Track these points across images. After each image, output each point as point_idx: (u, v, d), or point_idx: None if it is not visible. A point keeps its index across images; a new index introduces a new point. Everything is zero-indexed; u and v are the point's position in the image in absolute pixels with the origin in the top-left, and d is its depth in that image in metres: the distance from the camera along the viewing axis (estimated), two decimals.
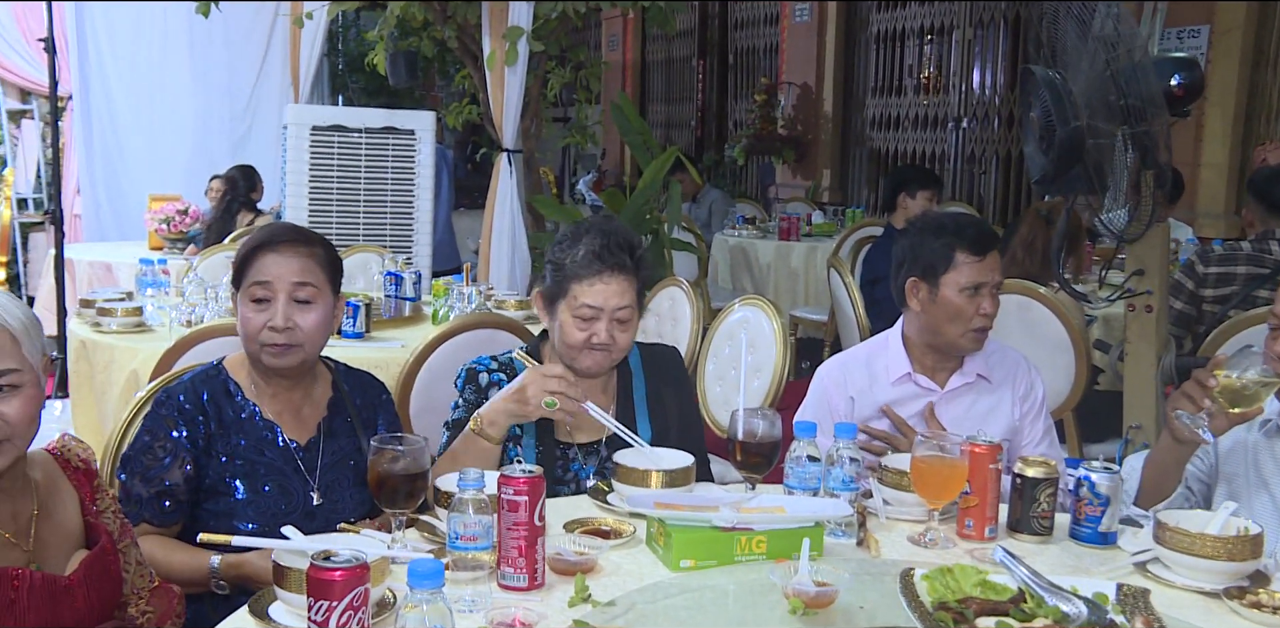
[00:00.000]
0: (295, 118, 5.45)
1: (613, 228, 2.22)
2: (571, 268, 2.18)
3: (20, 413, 1.53)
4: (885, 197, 5.39)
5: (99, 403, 3.38)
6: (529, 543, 1.59)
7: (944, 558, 1.77)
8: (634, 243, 2.22)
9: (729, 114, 11.73)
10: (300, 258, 2.01)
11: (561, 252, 2.21)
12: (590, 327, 2.17)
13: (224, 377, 2.06)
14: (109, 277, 5.75)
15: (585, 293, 2.16)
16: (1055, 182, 2.89)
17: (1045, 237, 3.96)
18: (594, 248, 2.16)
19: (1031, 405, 2.51)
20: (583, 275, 2.16)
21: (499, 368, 2.27)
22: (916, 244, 2.47)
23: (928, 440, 1.86)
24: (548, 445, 2.23)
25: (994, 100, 8.25)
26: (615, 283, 2.17)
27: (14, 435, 1.53)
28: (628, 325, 2.21)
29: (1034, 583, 1.55)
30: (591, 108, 7.25)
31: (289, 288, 1.99)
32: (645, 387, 2.33)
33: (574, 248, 2.19)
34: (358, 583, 1.31)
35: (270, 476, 2.01)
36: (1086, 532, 1.87)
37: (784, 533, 1.73)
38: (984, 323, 2.40)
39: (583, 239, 2.19)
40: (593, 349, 2.18)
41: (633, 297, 2.20)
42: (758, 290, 6.85)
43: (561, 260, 2.20)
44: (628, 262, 2.18)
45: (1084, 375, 3.55)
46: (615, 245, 2.17)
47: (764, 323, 3.39)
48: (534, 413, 2.05)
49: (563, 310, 2.20)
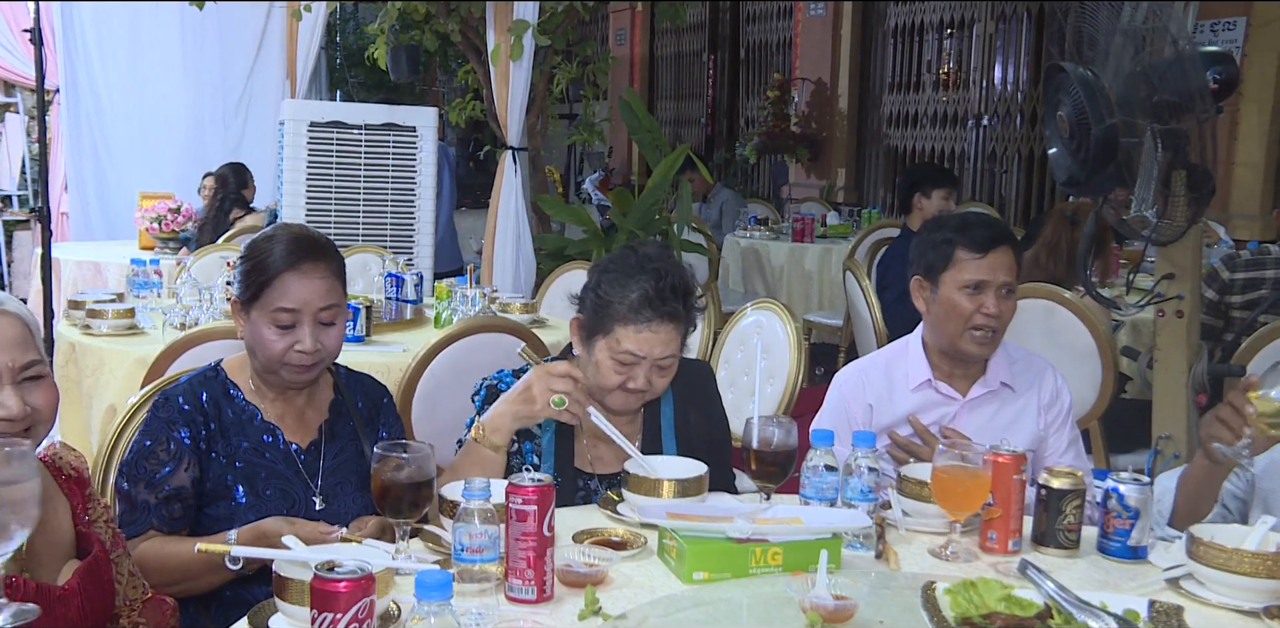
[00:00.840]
0: (292, 113, 5.46)
1: (669, 268, 2.15)
2: (619, 310, 2.11)
3: (48, 402, 1.59)
4: (900, 197, 5.40)
5: (87, 409, 3.39)
6: (538, 554, 1.60)
7: (966, 572, 1.78)
8: (689, 287, 2.16)
9: (740, 111, 11.74)
10: (324, 279, 2.01)
11: (610, 287, 2.14)
12: (628, 371, 2.13)
13: (223, 379, 2.08)
14: (97, 277, 5.76)
15: (629, 339, 2.11)
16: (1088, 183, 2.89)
17: (1070, 238, 3.95)
18: (647, 292, 2.09)
19: (1057, 415, 2.51)
20: (630, 320, 2.10)
21: None
22: (921, 242, 2.50)
23: (949, 450, 1.87)
24: (566, 475, 2.22)
25: (1016, 97, 8.25)
26: (664, 332, 2.11)
27: (40, 422, 1.58)
28: (668, 371, 2.17)
29: (1061, 598, 1.55)
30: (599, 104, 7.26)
31: (315, 313, 2.00)
32: (674, 410, 2.32)
33: (625, 287, 2.11)
34: (363, 594, 1.32)
35: (271, 479, 2.03)
36: (1115, 546, 1.86)
37: (800, 545, 1.73)
38: (985, 322, 2.38)
39: (635, 279, 2.11)
40: (627, 392, 2.16)
41: (678, 344, 2.15)
42: (770, 294, 6.85)
43: (609, 299, 2.13)
44: (679, 310, 2.13)
45: (1110, 383, 3.54)
46: (669, 290, 2.11)
47: (777, 327, 3.40)
48: (540, 413, 2.03)
49: (601, 349, 2.15)
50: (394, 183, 5.57)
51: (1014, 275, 2.44)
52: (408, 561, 1.65)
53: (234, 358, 2.12)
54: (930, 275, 2.45)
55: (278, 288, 1.98)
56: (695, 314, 2.19)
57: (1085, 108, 2.81)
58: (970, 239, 2.40)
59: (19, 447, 1.35)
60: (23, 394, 1.56)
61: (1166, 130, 2.80)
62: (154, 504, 1.97)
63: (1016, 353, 2.53)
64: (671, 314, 2.12)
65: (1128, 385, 3.94)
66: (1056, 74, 2.93)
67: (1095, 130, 2.80)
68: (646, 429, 2.29)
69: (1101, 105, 2.79)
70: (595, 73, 6.79)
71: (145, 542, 1.96)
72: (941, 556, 1.86)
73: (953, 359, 2.47)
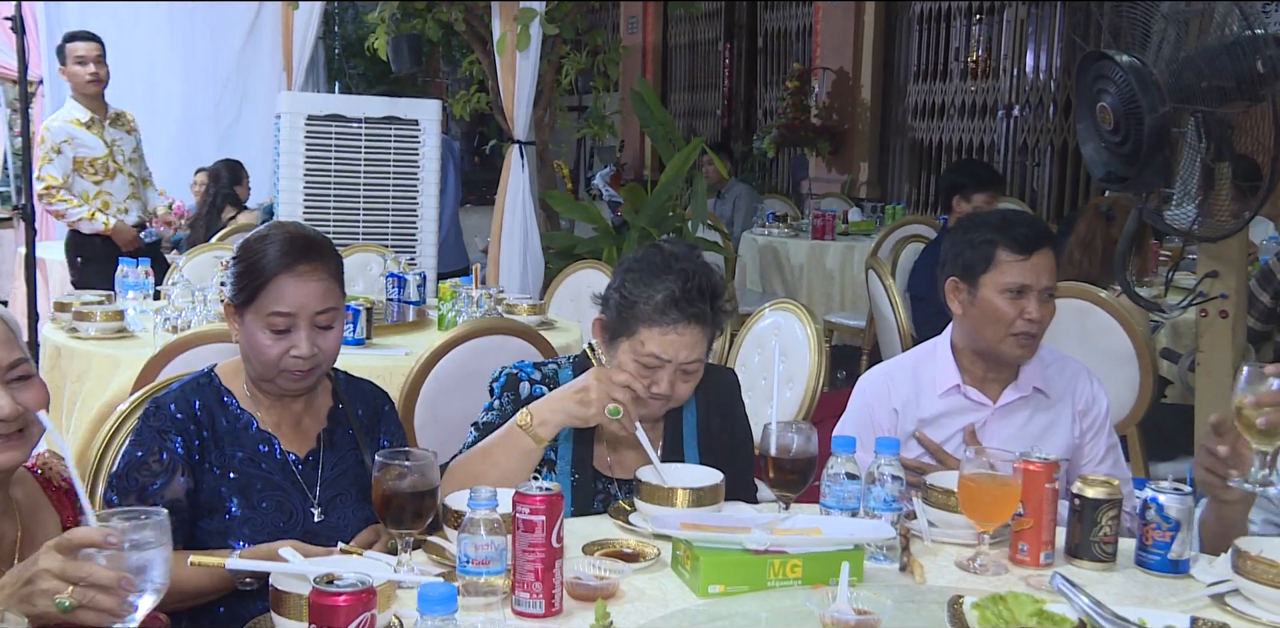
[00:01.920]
0: (289, 106, 5.47)
1: (696, 268, 2.16)
2: (645, 311, 2.12)
3: (38, 401, 1.60)
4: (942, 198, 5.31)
5: (73, 416, 3.40)
6: (546, 566, 1.60)
7: (996, 585, 1.78)
8: (717, 288, 2.17)
9: (758, 102, 11.74)
10: (321, 281, 2.01)
11: (635, 287, 2.15)
12: (652, 375, 2.13)
13: (216, 385, 2.08)
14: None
15: (654, 341, 2.11)
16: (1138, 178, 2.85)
17: (1106, 235, 3.95)
18: (673, 293, 2.10)
19: (1094, 421, 2.51)
20: (656, 321, 2.11)
21: (542, 379, 2.27)
22: (958, 242, 2.48)
23: (977, 457, 1.87)
24: (585, 476, 2.24)
25: (1049, 85, 8.23)
26: (689, 335, 2.12)
27: (32, 422, 1.60)
28: (692, 377, 2.17)
29: (1097, 614, 1.55)
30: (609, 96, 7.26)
31: (312, 316, 2.00)
32: (696, 420, 2.33)
33: (650, 288, 2.13)
34: (363, 609, 1.33)
35: (267, 491, 2.03)
36: (1154, 559, 1.85)
37: (821, 557, 1.74)
38: (1028, 328, 2.38)
39: (661, 278, 2.13)
40: (651, 398, 2.15)
41: (704, 348, 2.16)
42: (789, 294, 6.86)
43: (634, 299, 2.14)
44: (707, 312, 2.14)
45: (1150, 387, 3.53)
46: (697, 291, 2.12)
47: (796, 329, 3.40)
48: (594, 418, 2.04)
49: (624, 351, 2.16)
50: (395, 179, 5.58)
51: (1055, 278, 2.44)
52: (410, 573, 1.65)
53: (228, 363, 2.13)
54: (968, 277, 2.44)
55: (272, 291, 1.98)
56: (723, 317, 2.19)
57: (1137, 96, 2.77)
58: (1013, 239, 2.39)
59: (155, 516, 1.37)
60: (13, 394, 1.57)
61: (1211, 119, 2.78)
62: None
63: (1050, 356, 2.53)
64: (698, 316, 2.12)
65: (1168, 390, 3.93)
66: (1094, 63, 2.92)
67: (1149, 120, 2.76)
68: (668, 437, 2.30)
69: (1153, 93, 2.76)
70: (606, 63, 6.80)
71: None
72: (969, 568, 1.86)
73: (986, 362, 2.47)
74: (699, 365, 2.16)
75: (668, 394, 2.15)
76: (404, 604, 1.55)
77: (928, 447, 2.43)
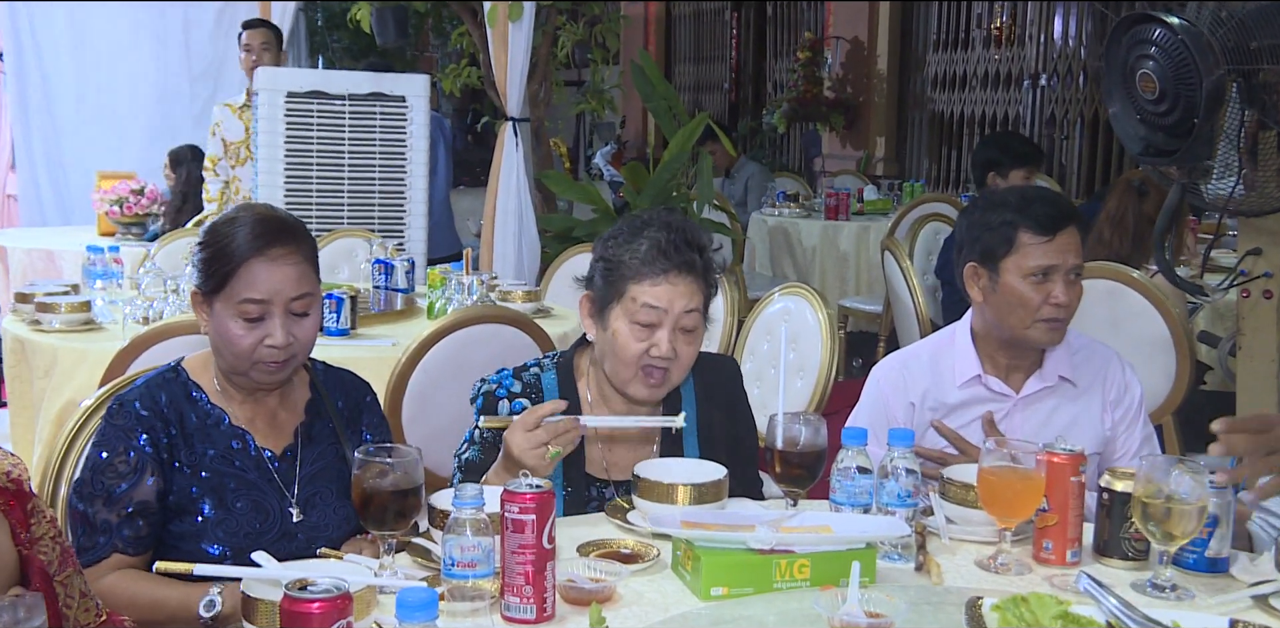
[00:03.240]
0: (267, 82, 5.45)
1: (678, 222, 2.19)
2: (631, 265, 2.14)
3: None
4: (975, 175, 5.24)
5: (37, 414, 3.40)
6: (537, 569, 1.60)
7: (1018, 586, 1.77)
8: (703, 241, 2.20)
9: (768, 75, 11.72)
10: (294, 265, 2.00)
11: (616, 246, 2.18)
12: (650, 335, 2.14)
13: (184, 379, 2.07)
14: (51, 267, 5.78)
15: (646, 292, 2.13)
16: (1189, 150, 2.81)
17: (1138, 211, 3.92)
18: (659, 243, 2.13)
19: (1126, 411, 2.50)
20: (644, 274, 2.13)
21: (523, 390, 2.26)
22: (975, 223, 2.46)
23: (997, 449, 1.86)
24: (577, 483, 2.23)
25: (1078, 53, 8.20)
26: (683, 284, 2.14)
27: None
28: (693, 336, 2.18)
29: (1126, 616, 1.55)
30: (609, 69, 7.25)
31: (286, 303, 1.99)
32: (696, 410, 2.32)
33: (633, 242, 2.16)
34: (338, 616, 1.32)
35: (242, 490, 2.02)
36: (1190, 557, 1.84)
37: (830, 556, 1.74)
38: (1055, 313, 2.36)
39: (643, 232, 2.16)
40: (652, 366, 2.15)
41: (700, 301, 2.17)
42: (801, 277, 6.85)
43: (617, 257, 2.16)
44: (697, 261, 2.16)
45: (1187, 374, 3.52)
46: (683, 241, 2.15)
47: (808, 315, 3.40)
48: (545, 471, 2.00)
49: (616, 317, 2.16)
50: (382, 159, 5.57)
51: (1081, 256, 2.42)
52: (392, 577, 1.65)
53: (196, 356, 2.12)
54: (988, 262, 2.41)
55: (243, 277, 1.97)
56: (713, 272, 2.21)
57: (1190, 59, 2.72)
58: (1034, 220, 2.37)
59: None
60: None
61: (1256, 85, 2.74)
62: (116, 523, 1.96)
63: (1077, 342, 2.51)
64: (688, 264, 2.15)
65: (1207, 376, 3.92)
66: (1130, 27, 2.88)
67: (1206, 82, 2.71)
68: (665, 430, 2.28)
69: (1209, 56, 2.72)
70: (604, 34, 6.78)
71: (112, 575, 1.94)
72: (990, 568, 1.86)
73: (1011, 349, 2.45)
74: (697, 319, 2.17)
75: (669, 356, 2.14)
76: (386, 610, 1.55)
77: (947, 436, 2.42)
